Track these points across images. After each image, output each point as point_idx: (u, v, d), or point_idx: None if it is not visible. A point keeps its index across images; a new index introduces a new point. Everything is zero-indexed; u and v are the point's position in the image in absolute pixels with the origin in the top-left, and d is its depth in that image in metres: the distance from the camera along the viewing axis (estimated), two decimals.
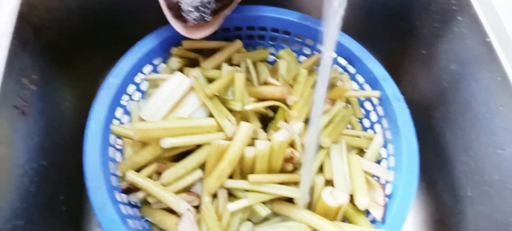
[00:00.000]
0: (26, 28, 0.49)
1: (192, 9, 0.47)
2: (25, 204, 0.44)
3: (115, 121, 0.50)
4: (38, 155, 0.49)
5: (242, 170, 0.48)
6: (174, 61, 0.55)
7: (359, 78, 0.58)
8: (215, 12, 0.50)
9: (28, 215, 0.45)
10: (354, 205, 0.48)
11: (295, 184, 0.48)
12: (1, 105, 0.41)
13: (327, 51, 0.40)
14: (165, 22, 0.51)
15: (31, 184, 0.46)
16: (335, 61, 0.59)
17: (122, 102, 0.52)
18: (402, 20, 0.66)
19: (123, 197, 0.47)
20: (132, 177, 0.46)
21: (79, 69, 0.63)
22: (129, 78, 0.52)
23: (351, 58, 0.57)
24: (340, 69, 0.60)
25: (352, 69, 0.58)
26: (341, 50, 0.57)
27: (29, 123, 0.47)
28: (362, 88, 0.58)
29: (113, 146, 0.50)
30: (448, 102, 0.57)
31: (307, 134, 0.46)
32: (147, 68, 0.55)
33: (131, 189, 0.47)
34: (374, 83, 0.55)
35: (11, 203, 0.42)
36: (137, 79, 0.54)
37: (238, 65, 0.57)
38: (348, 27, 0.59)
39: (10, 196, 0.42)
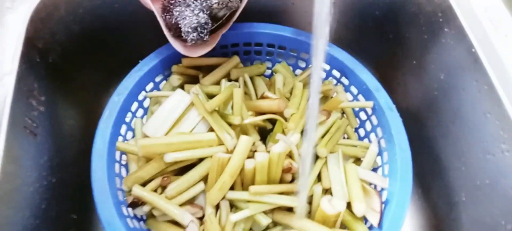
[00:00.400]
0: (32, 51, 0.50)
1: (191, 30, 0.48)
2: (37, 220, 0.45)
3: (119, 138, 0.51)
4: (47, 172, 0.49)
5: (243, 182, 0.49)
6: (175, 79, 0.56)
7: (353, 89, 0.58)
8: (212, 31, 0.51)
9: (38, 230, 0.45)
10: (352, 212, 0.48)
11: (294, 193, 0.49)
12: (11, 126, 0.42)
13: (318, 62, 0.40)
14: (165, 41, 0.52)
15: (41, 201, 0.47)
16: (330, 74, 0.60)
17: (126, 119, 0.52)
18: (392, 32, 0.67)
19: (129, 211, 0.48)
20: (138, 191, 0.46)
21: (83, 89, 0.64)
22: (132, 96, 0.52)
23: (344, 70, 0.58)
24: (334, 81, 0.60)
25: (345, 81, 0.59)
26: (334, 62, 0.58)
27: (38, 142, 0.48)
28: (356, 99, 0.59)
29: (119, 162, 0.50)
30: (439, 111, 0.58)
31: (302, 144, 0.47)
32: (149, 86, 0.56)
33: (137, 203, 0.48)
34: (367, 94, 0.56)
35: (23, 219, 0.42)
36: (140, 96, 0.55)
37: (236, 80, 0.58)
38: (340, 40, 0.61)
39: (22, 213, 0.42)
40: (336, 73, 0.60)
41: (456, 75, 0.53)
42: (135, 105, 0.54)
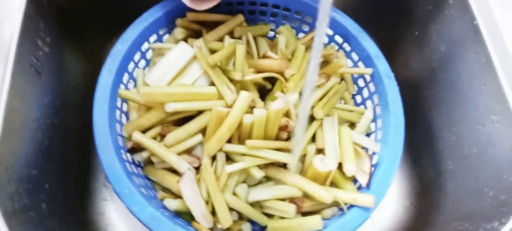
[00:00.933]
0: None
1: None
2: (39, 156, 0.47)
3: (122, 86, 0.52)
4: (50, 112, 0.50)
5: (240, 136, 0.50)
6: (179, 32, 0.56)
7: (354, 56, 0.59)
8: None
9: (41, 166, 0.47)
10: (342, 172, 0.50)
11: (289, 151, 0.50)
12: (18, 62, 0.43)
13: (321, 25, 0.41)
14: None
15: (44, 139, 0.48)
16: (332, 39, 0.60)
17: (129, 68, 0.53)
18: (398, 2, 0.67)
19: (128, 156, 0.49)
20: (138, 137, 0.48)
21: (88, 36, 0.65)
22: (135, 46, 0.53)
23: (347, 36, 0.58)
24: (336, 47, 0.61)
25: (347, 47, 0.59)
26: (338, 28, 0.58)
27: (43, 82, 0.49)
28: (356, 65, 0.59)
29: (120, 109, 0.52)
30: (436, 82, 0.59)
31: (300, 104, 0.48)
32: (153, 38, 0.56)
33: (136, 149, 0.49)
34: (367, 61, 0.57)
35: (27, 154, 0.44)
36: (143, 47, 0.55)
37: (239, 38, 0.58)
38: (346, 7, 0.61)
39: (26, 147, 0.44)
40: (338, 39, 0.60)
41: (456, 47, 0.54)
42: (138, 55, 0.55)
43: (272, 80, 0.56)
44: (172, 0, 0.55)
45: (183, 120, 0.51)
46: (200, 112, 0.51)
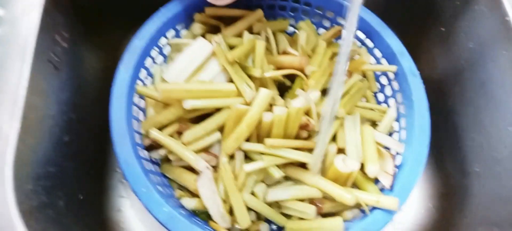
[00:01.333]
0: None
1: None
2: (56, 153, 0.47)
3: (139, 82, 0.52)
4: (68, 108, 0.51)
5: (259, 134, 0.50)
6: (197, 27, 0.56)
7: (377, 52, 0.58)
8: None
9: (58, 163, 0.47)
10: (365, 173, 0.49)
11: (309, 150, 0.49)
12: (36, 58, 0.43)
13: (351, 25, 0.41)
14: None
15: (62, 135, 0.49)
16: (354, 35, 0.59)
17: (146, 64, 0.53)
18: None
19: (145, 154, 0.49)
20: (155, 134, 0.48)
21: (107, 32, 0.65)
22: (153, 42, 0.53)
23: (370, 32, 0.57)
24: (358, 43, 0.60)
25: (370, 43, 0.59)
26: (360, 23, 0.57)
27: (61, 78, 0.49)
28: (379, 62, 0.58)
29: (137, 106, 0.52)
30: (464, 81, 0.58)
31: (324, 103, 0.48)
32: (170, 33, 0.56)
33: (153, 146, 0.49)
34: (391, 58, 0.56)
35: (45, 150, 0.45)
36: (161, 43, 0.55)
37: (258, 34, 0.58)
38: (367, 2, 0.60)
39: (44, 144, 0.45)
40: (360, 34, 0.59)
41: (486, 45, 0.52)
42: (155, 51, 0.55)
43: (292, 78, 0.56)
44: None
45: (201, 117, 0.51)
46: (218, 109, 0.50)
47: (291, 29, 0.64)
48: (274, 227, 0.51)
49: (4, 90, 0.41)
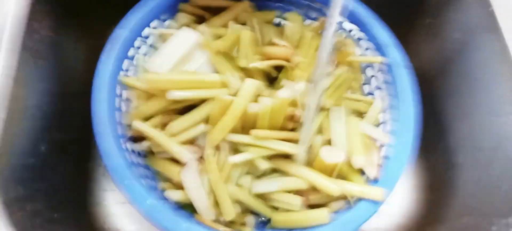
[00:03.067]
0: None
1: None
2: (36, 145, 0.47)
3: (122, 73, 0.52)
4: (49, 99, 0.50)
5: (245, 126, 0.50)
6: (182, 17, 0.55)
7: (363, 43, 0.58)
8: None
9: (38, 156, 0.47)
10: (350, 164, 0.50)
11: (295, 142, 0.50)
12: (13, 47, 0.43)
13: (333, 14, 0.41)
14: None
15: (41, 127, 0.48)
16: (340, 25, 0.60)
17: (129, 54, 0.53)
18: None
19: (128, 146, 0.49)
20: (139, 125, 0.47)
21: (89, 21, 0.64)
22: (136, 31, 0.53)
23: (356, 23, 0.58)
24: (345, 34, 0.60)
25: (356, 34, 0.59)
26: (348, 14, 0.57)
27: (40, 68, 0.49)
28: (365, 53, 0.59)
29: (119, 97, 0.51)
30: (449, 71, 0.58)
31: (309, 94, 0.48)
32: (155, 23, 0.56)
33: (136, 138, 0.49)
34: (377, 49, 0.56)
35: (24, 142, 0.44)
36: (145, 33, 0.55)
37: (245, 24, 0.58)
38: None
39: (23, 135, 0.44)
40: (346, 25, 0.59)
41: (471, 35, 0.53)
42: (138, 41, 0.54)
43: (279, 69, 0.56)
44: None
45: (186, 108, 0.51)
46: (203, 101, 0.50)
47: (277, 20, 0.64)
48: (260, 219, 0.51)
49: None
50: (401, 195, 0.65)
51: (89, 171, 0.63)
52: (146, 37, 0.56)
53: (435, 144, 0.62)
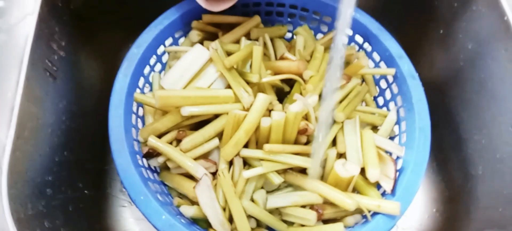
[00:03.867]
0: None
1: None
2: (54, 161, 0.48)
3: (137, 90, 0.53)
4: (66, 117, 0.52)
5: (258, 140, 0.51)
6: (194, 34, 0.57)
7: (375, 56, 0.59)
8: None
9: (56, 172, 0.48)
10: (365, 178, 0.50)
11: (308, 155, 0.50)
12: (32, 66, 0.44)
13: (342, 27, 0.42)
14: None
15: (59, 144, 0.50)
16: (352, 39, 0.61)
17: (144, 72, 0.55)
18: None
19: (144, 162, 0.50)
20: (153, 142, 0.49)
21: (104, 40, 0.66)
22: (151, 50, 0.55)
23: (368, 36, 0.58)
24: (357, 47, 0.61)
25: (368, 47, 0.60)
26: (358, 27, 0.58)
27: (58, 87, 0.51)
28: (377, 66, 0.59)
29: (135, 113, 0.53)
30: (464, 82, 0.58)
31: (321, 107, 0.49)
32: (168, 41, 0.58)
33: (151, 154, 0.50)
34: (390, 61, 0.57)
35: (41, 159, 0.46)
36: (159, 51, 0.57)
37: (256, 40, 0.59)
38: (365, 5, 0.61)
39: (41, 152, 0.45)
40: (359, 38, 0.60)
41: (485, 45, 0.53)
42: (153, 59, 0.56)
43: (291, 83, 0.57)
44: (187, 2, 0.57)
45: (199, 124, 0.52)
46: (216, 116, 0.51)
47: (289, 35, 0.65)
48: None
49: (0, 99, 0.42)
50: (419, 208, 0.65)
51: (106, 187, 0.64)
52: (161, 55, 0.57)
53: (451, 155, 0.62)
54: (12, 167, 0.40)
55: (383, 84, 0.60)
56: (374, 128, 0.58)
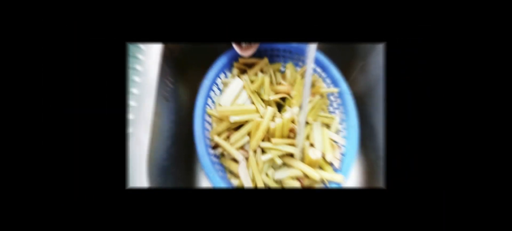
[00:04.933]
0: (166, 51, 0.64)
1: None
2: (168, 152, 0.62)
3: (207, 106, 0.65)
4: (173, 124, 0.65)
5: (269, 137, 0.64)
6: (234, 70, 0.71)
7: (327, 80, 0.72)
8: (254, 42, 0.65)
9: (168, 159, 0.62)
10: (325, 159, 0.64)
11: (295, 145, 0.61)
12: (157, 95, 0.56)
13: (310, 63, 0.50)
14: (230, 48, 0.68)
15: (170, 141, 0.64)
16: (315, 70, 0.74)
17: (211, 95, 0.67)
18: (349, 47, 0.80)
19: (211, 151, 0.63)
20: (216, 139, 0.63)
21: (191, 75, 0.78)
22: (213, 80, 0.68)
23: (323, 67, 0.72)
24: (317, 74, 0.74)
25: (323, 74, 0.73)
26: (317, 62, 0.72)
27: (169, 106, 0.63)
28: (329, 86, 0.72)
29: (207, 121, 0.65)
30: (374, 94, 0.71)
31: (300, 114, 0.57)
32: (222, 75, 0.70)
33: (216, 146, 0.64)
34: (335, 83, 0.70)
35: (162, 151, 0.59)
36: (218, 81, 0.69)
37: (265, 72, 0.72)
38: (319, 47, 0.79)
39: (162, 147, 0.59)
40: (317, 69, 0.73)
41: (383, 70, 0.64)
42: (214, 86, 0.68)
43: (284, 98, 0.69)
44: (231, 51, 0.70)
45: (238, 127, 0.65)
46: (247, 121, 0.65)
47: (282, 69, 0.77)
48: None
49: (141, 115, 0.54)
50: (352, 178, 0.80)
51: (192, 168, 0.79)
52: (217, 84, 0.70)
53: (368, 143, 0.75)
54: (149, 153, 0.52)
55: (332, 98, 0.72)
56: (328, 126, 0.69)
